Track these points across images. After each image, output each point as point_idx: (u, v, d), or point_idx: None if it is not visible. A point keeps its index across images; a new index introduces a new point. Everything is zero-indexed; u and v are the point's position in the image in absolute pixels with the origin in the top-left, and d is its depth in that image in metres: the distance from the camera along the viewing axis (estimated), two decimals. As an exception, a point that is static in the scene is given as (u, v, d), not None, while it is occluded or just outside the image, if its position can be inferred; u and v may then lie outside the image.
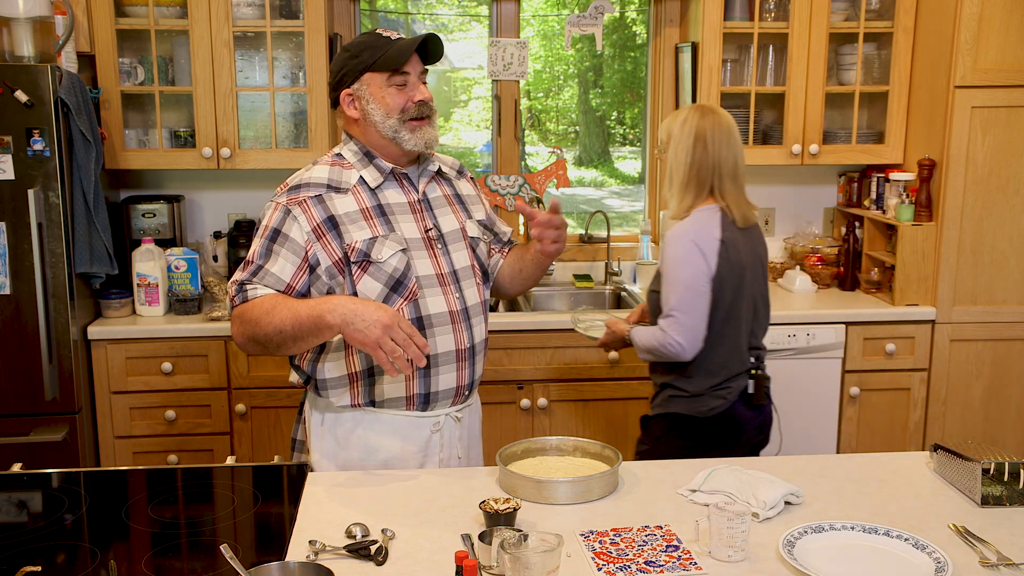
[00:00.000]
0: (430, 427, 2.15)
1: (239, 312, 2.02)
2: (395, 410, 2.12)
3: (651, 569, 1.63)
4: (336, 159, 2.14)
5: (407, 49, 2.04)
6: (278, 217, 2.05)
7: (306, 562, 1.56)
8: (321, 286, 2.05)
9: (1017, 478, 1.88)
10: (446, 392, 2.14)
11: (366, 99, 2.07)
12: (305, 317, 1.93)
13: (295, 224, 2.03)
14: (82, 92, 3.10)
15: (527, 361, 3.40)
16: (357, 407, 2.12)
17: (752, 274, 2.52)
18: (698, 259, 2.42)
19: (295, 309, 1.95)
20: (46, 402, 3.10)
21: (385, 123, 2.07)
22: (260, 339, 1.99)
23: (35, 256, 3.00)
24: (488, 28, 4.02)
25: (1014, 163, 3.43)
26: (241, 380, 3.33)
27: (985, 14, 3.32)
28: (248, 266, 2.05)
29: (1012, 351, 3.54)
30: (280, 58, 3.65)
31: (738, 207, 2.49)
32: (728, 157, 2.48)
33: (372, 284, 2.04)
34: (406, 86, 2.07)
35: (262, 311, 1.97)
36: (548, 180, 4.00)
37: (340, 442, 2.15)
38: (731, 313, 2.48)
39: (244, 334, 2.02)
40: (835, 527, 1.75)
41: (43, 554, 1.71)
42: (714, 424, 2.51)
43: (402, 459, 2.14)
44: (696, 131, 2.47)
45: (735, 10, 3.62)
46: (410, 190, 2.15)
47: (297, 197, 2.05)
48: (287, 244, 2.03)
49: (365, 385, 2.10)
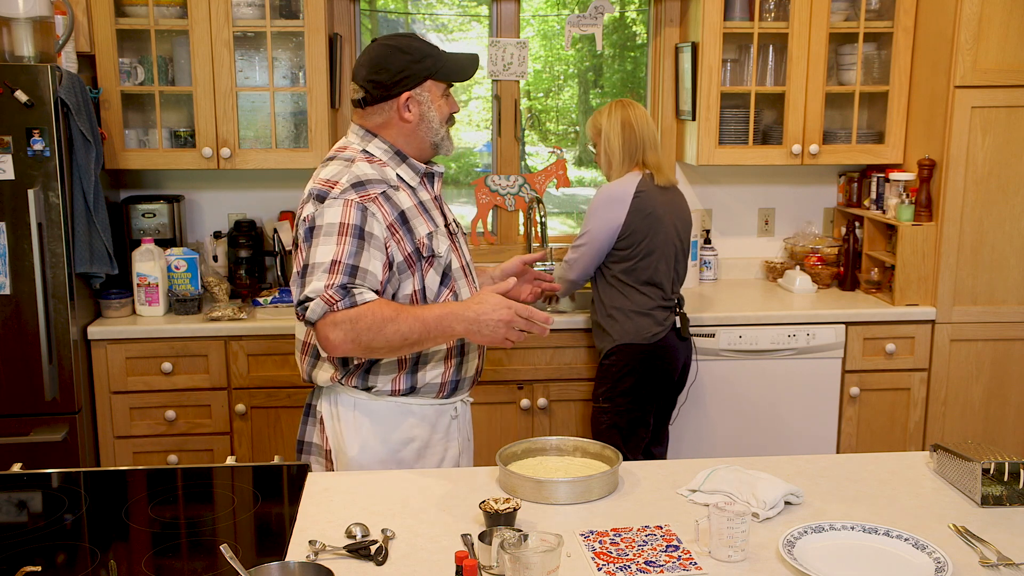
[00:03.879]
0: (451, 413, 2.22)
1: (348, 317, 1.92)
2: (425, 398, 2.17)
3: (651, 569, 1.63)
4: (367, 155, 2.11)
5: (470, 68, 2.17)
6: (356, 215, 1.98)
7: (306, 562, 1.56)
8: (395, 283, 2.06)
9: (1017, 478, 1.88)
10: (470, 379, 2.25)
11: (427, 104, 2.12)
12: (433, 326, 1.97)
13: (375, 221, 2.00)
14: (82, 92, 3.10)
15: (527, 361, 3.40)
16: (396, 393, 2.13)
17: (671, 223, 3.10)
18: (609, 211, 3.05)
19: (422, 318, 1.96)
20: (46, 402, 3.10)
21: (439, 130, 2.15)
22: (377, 345, 1.96)
23: (35, 256, 3.00)
24: (488, 28, 4.02)
25: (1014, 163, 3.44)
26: (241, 380, 3.32)
27: (985, 14, 3.32)
28: (338, 267, 1.94)
29: (1012, 351, 3.54)
30: (280, 58, 3.65)
31: (659, 171, 3.12)
32: (648, 134, 3.12)
33: (434, 277, 2.11)
34: (449, 97, 2.17)
35: (384, 318, 1.93)
36: (548, 180, 4.01)
37: (379, 433, 2.16)
38: (649, 251, 3.05)
39: (355, 340, 1.94)
40: (835, 527, 1.75)
41: (43, 554, 1.71)
42: (656, 351, 3.07)
43: (431, 445, 2.20)
44: (622, 119, 3.11)
45: (735, 10, 3.62)
46: (430, 188, 2.21)
47: (368, 194, 2.02)
48: (373, 242, 2.00)
49: (410, 372, 2.14)
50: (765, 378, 3.47)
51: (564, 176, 4.01)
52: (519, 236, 4.04)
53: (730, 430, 3.48)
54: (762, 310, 3.47)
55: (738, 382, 3.46)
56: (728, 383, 3.45)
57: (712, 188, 4.03)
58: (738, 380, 3.46)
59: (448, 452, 2.23)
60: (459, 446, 2.26)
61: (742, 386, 3.48)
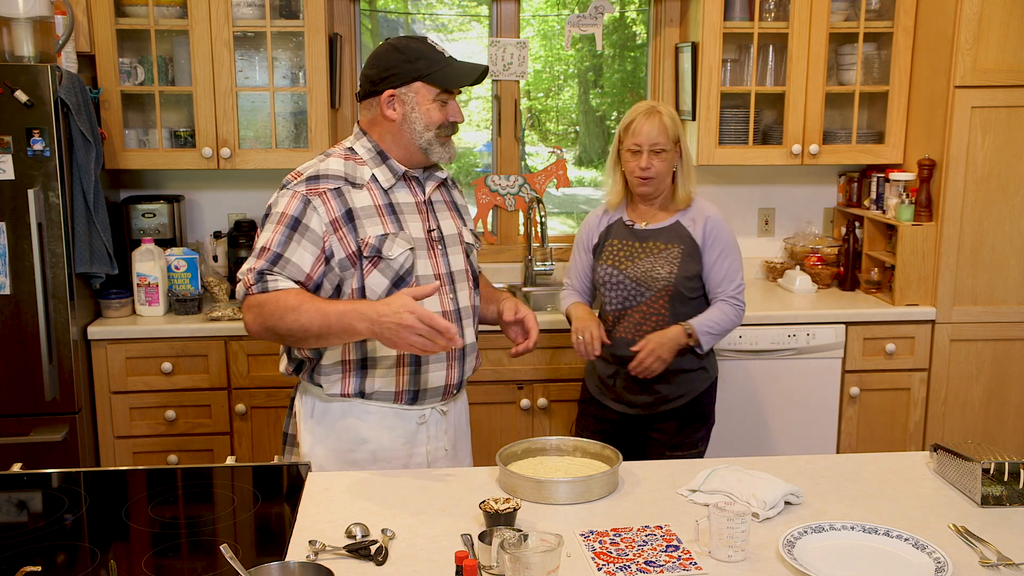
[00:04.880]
0: (416, 419, 2.18)
1: (258, 301, 2.01)
2: (381, 403, 2.16)
3: (651, 569, 1.63)
4: (348, 153, 2.16)
5: (468, 76, 2.11)
6: (297, 206, 2.05)
7: (306, 562, 1.56)
8: (334, 278, 2.09)
9: (1017, 478, 1.88)
10: (435, 390, 2.18)
11: (411, 106, 2.11)
12: (335, 322, 1.96)
13: (315, 215, 2.05)
14: (82, 92, 3.10)
15: (527, 361, 3.40)
16: (347, 395, 2.15)
17: None
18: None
19: (324, 311, 1.97)
20: (46, 402, 3.10)
21: (424, 134, 2.12)
22: (281, 332, 2.01)
23: (35, 256, 3.00)
24: (488, 28, 4.02)
25: (1014, 163, 3.44)
26: (241, 380, 3.33)
27: (985, 14, 3.32)
28: (265, 253, 2.03)
29: (1012, 351, 3.54)
30: (280, 58, 3.65)
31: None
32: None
33: (379, 279, 2.08)
34: (448, 104, 2.13)
35: (286, 306, 1.98)
36: (548, 180, 4.01)
37: (329, 431, 2.18)
38: None
39: (262, 324, 2.02)
40: (835, 527, 1.75)
41: (43, 554, 1.71)
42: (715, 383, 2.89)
43: (390, 449, 2.17)
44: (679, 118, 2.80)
45: (735, 10, 3.62)
46: (418, 191, 2.20)
47: (317, 188, 2.07)
48: (307, 234, 2.04)
49: (357, 376, 2.13)
50: (765, 378, 3.47)
51: (564, 176, 4.01)
52: (519, 236, 4.04)
53: (730, 430, 3.48)
54: (762, 310, 3.47)
55: (738, 382, 3.46)
56: (728, 383, 3.45)
57: (712, 188, 4.02)
58: (738, 380, 3.46)
59: (413, 459, 2.19)
60: (429, 453, 2.20)
61: (742, 386, 3.48)
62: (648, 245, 2.78)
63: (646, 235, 2.79)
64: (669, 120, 2.72)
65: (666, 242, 2.77)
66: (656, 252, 2.76)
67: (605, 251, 2.84)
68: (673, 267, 2.73)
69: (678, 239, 2.76)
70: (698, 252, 2.76)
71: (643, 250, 2.78)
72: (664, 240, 2.77)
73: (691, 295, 2.77)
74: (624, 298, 2.77)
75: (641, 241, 2.79)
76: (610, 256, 2.82)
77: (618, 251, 2.81)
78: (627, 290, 2.77)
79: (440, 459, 2.23)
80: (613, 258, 2.81)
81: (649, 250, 2.77)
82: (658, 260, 2.75)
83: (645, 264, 2.75)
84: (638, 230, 2.80)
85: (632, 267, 2.77)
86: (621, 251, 2.80)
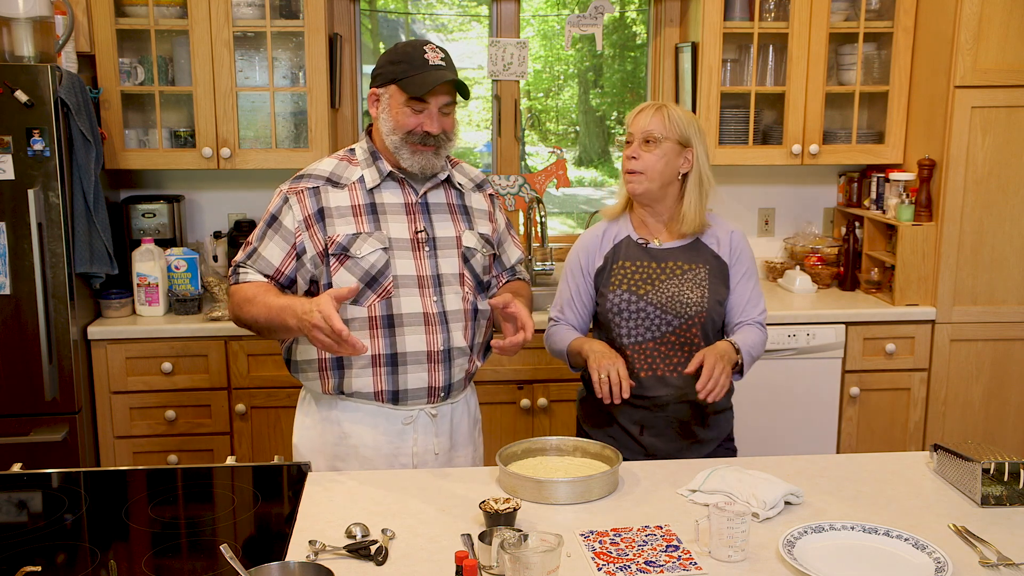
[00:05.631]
0: (402, 420, 2.18)
1: (231, 291, 2.18)
2: (364, 402, 2.18)
3: (651, 569, 1.63)
4: (347, 155, 2.24)
5: (429, 84, 2.07)
6: (276, 204, 2.18)
7: (306, 562, 1.56)
8: (305, 273, 2.16)
9: (1017, 478, 1.88)
10: (417, 391, 2.17)
11: (384, 107, 2.14)
12: (275, 316, 2.04)
13: (289, 212, 2.15)
14: (82, 92, 3.10)
15: (527, 361, 3.40)
16: (328, 392, 2.19)
17: None
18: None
19: (269, 305, 2.06)
20: (46, 402, 3.10)
21: (389, 136, 2.14)
22: (245, 322, 2.15)
23: (35, 256, 3.00)
24: (488, 28, 4.02)
25: (1014, 163, 3.43)
26: (241, 380, 3.33)
27: (985, 14, 3.32)
28: (247, 247, 2.20)
29: (1012, 351, 3.54)
30: (280, 58, 3.65)
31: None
32: None
33: (347, 277, 2.11)
34: (423, 112, 2.11)
35: (244, 298, 2.12)
36: (548, 180, 4.01)
37: (315, 424, 2.22)
38: None
39: (233, 313, 2.18)
40: (835, 527, 1.75)
41: (43, 554, 1.71)
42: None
43: (372, 447, 2.18)
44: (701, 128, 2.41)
45: (735, 10, 3.62)
46: (410, 192, 2.20)
47: (297, 187, 2.17)
48: (280, 231, 2.16)
49: (335, 375, 2.16)
50: (765, 378, 3.47)
51: (564, 176, 4.01)
52: (519, 236, 4.04)
53: (730, 430, 3.48)
54: (762, 310, 3.46)
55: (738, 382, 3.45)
56: (728, 383, 3.45)
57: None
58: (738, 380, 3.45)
59: (398, 459, 2.18)
60: (416, 455, 2.19)
61: (742, 386, 3.48)
62: (668, 266, 2.38)
63: (663, 255, 2.40)
64: (675, 115, 2.35)
65: (688, 262, 2.38)
66: (679, 274, 2.37)
67: (615, 275, 2.40)
68: (703, 290, 2.36)
69: (701, 259, 2.39)
70: (725, 272, 2.41)
71: (663, 272, 2.38)
72: (686, 260, 2.39)
73: (720, 323, 2.42)
74: (647, 328, 2.36)
75: (659, 262, 2.39)
76: (623, 280, 2.39)
77: (632, 274, 2.39)
78: (650, 319, 2.36)
79: (428, 462, 2.20)
80: (628, 282, 2.38)
81: (670, 272, 2.37)
82: (684, 283, 2.36)
83: (670, 288, 2.35)
84: (653, 249, 2.40)
85: (654, 292, 2.36)
86: (636, 274, 2.38)
